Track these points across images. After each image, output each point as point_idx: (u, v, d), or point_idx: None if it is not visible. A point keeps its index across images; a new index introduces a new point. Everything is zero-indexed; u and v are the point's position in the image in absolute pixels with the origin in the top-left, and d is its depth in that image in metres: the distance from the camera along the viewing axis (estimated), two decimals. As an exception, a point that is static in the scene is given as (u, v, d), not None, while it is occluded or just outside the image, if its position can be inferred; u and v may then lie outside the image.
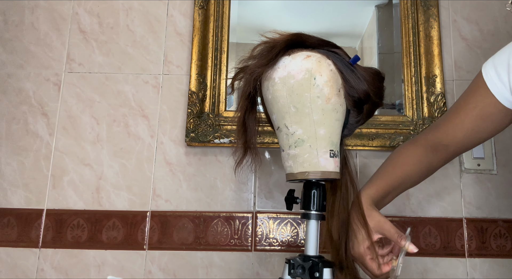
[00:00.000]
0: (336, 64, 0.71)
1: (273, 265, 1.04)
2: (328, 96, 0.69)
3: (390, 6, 1.19)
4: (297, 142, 0.70)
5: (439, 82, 1.10)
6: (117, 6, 1.19)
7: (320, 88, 0.69)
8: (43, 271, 1.04)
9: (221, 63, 1.13)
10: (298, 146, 0.70)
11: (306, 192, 0.73)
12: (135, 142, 1.11)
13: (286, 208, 0.76)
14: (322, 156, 0.69)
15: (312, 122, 0.69)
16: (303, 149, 0.69)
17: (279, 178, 1.09)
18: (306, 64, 0.69)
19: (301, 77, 0.69)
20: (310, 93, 0.69)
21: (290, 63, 0.70)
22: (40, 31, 1.18)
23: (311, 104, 0.69)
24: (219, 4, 1.16)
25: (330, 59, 0.71)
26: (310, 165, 0.69)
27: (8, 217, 1.07)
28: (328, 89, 0.69)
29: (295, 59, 0.70)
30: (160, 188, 1.08)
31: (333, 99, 0.70)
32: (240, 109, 0.75)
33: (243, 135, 0.76)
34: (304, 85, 0.69)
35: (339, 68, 0.71)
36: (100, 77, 1.15)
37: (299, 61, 0.70)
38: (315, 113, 0.69)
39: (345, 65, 0.71)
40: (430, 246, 1.04)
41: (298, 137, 0.70)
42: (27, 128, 1.12)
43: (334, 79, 0.70)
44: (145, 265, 1.04)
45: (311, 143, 0.69)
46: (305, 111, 0.69)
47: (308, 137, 0.69)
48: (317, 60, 0.70)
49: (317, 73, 0.69)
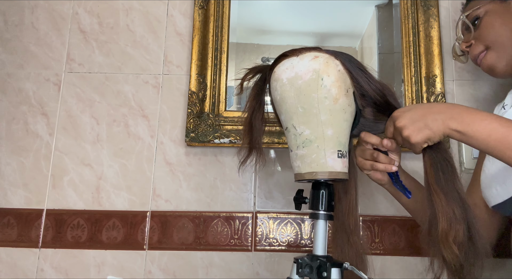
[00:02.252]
0: (345, 64, 0.71)
1: (273, 265, 1.04)
2: (335, 96, 0.69)
3: (390, 6, 1.19)
4: (305, 143, 0.70)
5: (439, 82, 1.10)
6: (117, 6, 1.19)
7: (328, 89, 0.69)
8: (43, 271, 1.04)
9: (221, 63, 1.13)
10: (306, 146, 0.70)
11: (315, 192, 0.73)
12: (135, 142, 1.11)
13: (295, 208, 0.76)
14: (329, 157, 0.69)
15: (320, 122, 0.69)
16: (311, 149, 0.70)
17: (279, 178, 1.09)
18: (313, 65, 0.69)
19: (309, 78, 0.69)
20: (318, 94, 0.69)
21: (298, 64, 0.70)
22: (40, 31, 1.18)
23: (319, 104, 0.69)
24: (219, 4, 1.16)
25: (338, 59, 0.71)
26: (318, 166, 0.69)
27: (8, 217, 1.07)
28: (335, 89, 0.69)
29: (303, 60, 0.70)
30: (160, 188, 1.08)
31: (341, 100, 0.69)
32: (248, 109, 0.77)
33: (249, 134, 0.78)
34: (312, 86, 0.69)
35: (347, 68, 0.71)
36: (100, 77, 1.15)
37: (307, 62, 0.70)
38: (322, 114, 0.69)
39: (354, 65, 0.71)
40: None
41: (305, 138, 0.70)
42: (27, 128, 1.12)
43: (342, 80, 0.70)
44: (145, 265, 1.04)
45: (318, 143, 0.69)
46: (312, 112, 0.69)
47: (316, 138, 0.70)
48: (324, 61, 0.70)
49: (324, 74, 0.69)
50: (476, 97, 1.12)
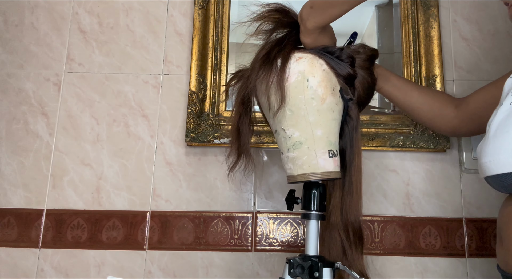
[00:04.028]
0: (329, 63, 0.71)
1: (273, 265, 1.04)
2: (322, 96, 0.69)
3: (390, 6, 1.19)
4: (295, 145, 0.71)
5: (439, 82, 1.10)
6: (117, 6, 1.19)
7: (314, 89, 0.69)
8: (43, 271, 1.04)
9: (221, 63, 1.13)
10: (296, 148, 0.70)
11: (306, 193, 0.73)
12: (135, 142, 1.11)
13: (287, 208, 0.77)
14: (321, 157, 0.69)
15: (309, 123, 0.70)
16: (301, 151, 0.70)
17: (279, 178, 1.09)
18: (298, 67, 0.70)
19: (294, 80, 0.69)
20: (304, 95, 0.69)
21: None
22: (40, 31, 1.18)
23: (306, 106, 0.69)
24: (219, 4, 1.16)
25: (322, 59, 0.71)
26: (309, 167, 0.69)
27: (8, 217, 1.07)
28: (322, 89, 0.69)
29: (287, 62, 0.70)
30: (160, 188, 1.08)
31: (328, 99, 0.70)
32: (235, 114, 0.76)
33: (237, 141, 0.77)
34: (298, 88, 0.69)
35: (332, 67, 0.71)
36: (100, 77, 1.15)
37: (291, 64, 0.70)
38: (310, 115, 0.69)
39: (335, 61, 0.71)
40: (430, 246, 1.04)
41: (295, 140, 0.70)
42: (27, 128, 1.12)
43: (328, 79, 0.70)
44: (145, 265, 1.04)
45: (309, 145, 0.69)
46: (300, 114, 0.70)
47: (306, 139, 0.70)
48: (309, 62, 0.70)
49: (310, 75, 0.69)
50: (476, 97, 1.12)
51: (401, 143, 1.05)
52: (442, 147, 1.06)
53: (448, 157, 1.09)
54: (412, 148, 1.06)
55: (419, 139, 1.07)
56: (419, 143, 1.06)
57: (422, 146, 1.06)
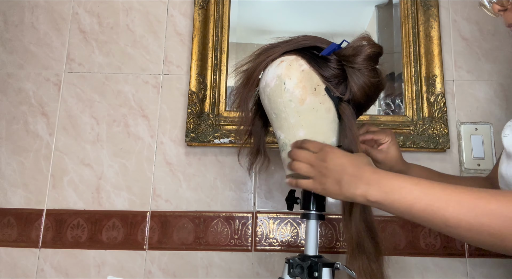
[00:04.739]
0: (310, 62, 0.70)
1: (273, 265, 1.04)
2: (301, 97, 0.69)
3: (390, 6, 1.19)
4: (283, 146, 0.73)
5: (439, 82, 1.10)
6: (117, 6, 1.19)
7: (291, 92, 0.69)
8: (43, 271, 1.04)
9: (221, 63, 1.13)
10: (283, 150, 0.73)
11: (305, 192, 0.73)
12: (135, 142, 1.11)
13: (287, 208, 0.77)
14: None
15: (290, 125, 0.71)
16: (287, 152, 0.72)
17: (279, 178, 1.09)
18: (277, 71, 0.71)
19: (273, 84, 0.70)
20: (282, 98, 0.70)
21: (267, 72, 0.72)
22: (40, 31, 1.18)
23: (285, 108, 0.70)
24: (219, 4, 1.16)
25: (304, 59, 0.70)
26: None
27: (8, 217, 1.07)
28: (299, 90, 0.69)
29: (271, 67, 0.72)
30: (160, 188, 1.08)
31: (308, 99, 0.69)
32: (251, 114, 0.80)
33: (255, 136, 0.82)
34: (277, 92, 0.70)
35: (313, 66, 0.70)
36: (100, 77, 1.15)
37: (273, 69, 0.71)
38: (291, 117, 0.70)
39: (319, 60, 0.70)
40: (430, 246, 1.04)
41: (282, 142, 0.73)
42: (27, 128, 1.12)
43: (307, 79, 0.69)
44: (145, 265, 1.04)
45: None
46: (282, 116, 0.71)
47: (290, 141, 0.71)
48: (287, 64, 0.70)
49: (286, 78, 0.69)
50: (476, 97, 1.12)
51: (401, 143, 1.05)
52: (442, 147, 1.06)
53: (448, 157, 1.09)
54: (412, 148, 1.06)
55: (419, 139, 1.07)
56: (419, 143, 1.06)
57: (422, 146, 1.06)
